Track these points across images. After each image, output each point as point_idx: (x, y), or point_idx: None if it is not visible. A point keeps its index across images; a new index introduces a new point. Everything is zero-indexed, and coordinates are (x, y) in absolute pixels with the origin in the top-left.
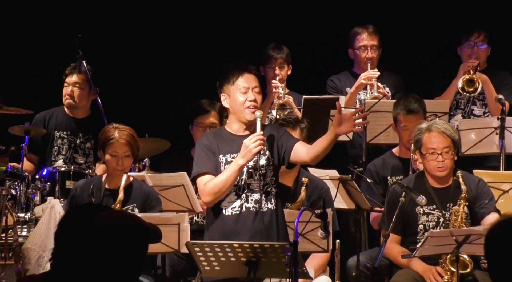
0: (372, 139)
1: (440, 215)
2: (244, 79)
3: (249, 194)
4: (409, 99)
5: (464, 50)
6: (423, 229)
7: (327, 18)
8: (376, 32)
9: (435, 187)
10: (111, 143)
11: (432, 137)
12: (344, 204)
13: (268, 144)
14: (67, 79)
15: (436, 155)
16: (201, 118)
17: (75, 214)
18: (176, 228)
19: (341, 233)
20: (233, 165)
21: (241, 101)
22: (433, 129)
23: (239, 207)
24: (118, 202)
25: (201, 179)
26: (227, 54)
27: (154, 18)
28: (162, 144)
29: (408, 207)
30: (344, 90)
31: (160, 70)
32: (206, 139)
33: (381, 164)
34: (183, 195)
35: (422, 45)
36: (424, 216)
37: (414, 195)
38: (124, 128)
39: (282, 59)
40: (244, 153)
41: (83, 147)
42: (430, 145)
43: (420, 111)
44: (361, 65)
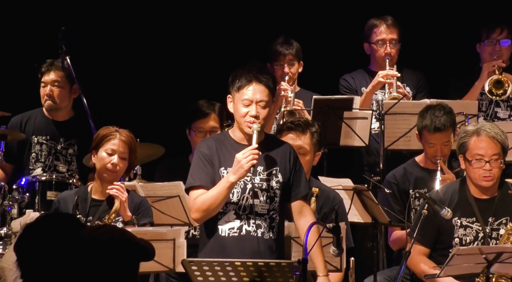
0: (391, 144)
1: (480, 229)
2: (250, 90)
3: (251, 216)
4: (436, 112)
5: (484, 47)
6: (459, 243)
7: (341, 9)
8: (395, 24)
9: (478, 197)
10: (110, 139)
11: (480, 142)
12: (359, 217)
13: (281, 167)
14: (44, 78)
15: (483, 163)
16: (200, 123)
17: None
18: (171, 244)
19: (356, 250)
20: (224, 181)
21: (242, 113)
22: (482, 133)
23: (238, 228)
24: (113, 211)
25: (192, 192)
26: (228, 50)
27: (147, 11)
28: (155, 150)
29: (443, 218)
30: (359, 90)
31: (153, 67)
32: (207, 148)
33: (402, 175)
34: (178, 207)
35: (446, 40)
36: (462, 229)
37: (438, 207)
38: (126, 130)
39: (292, 55)
40: (236, 169)
41: (65, 153)
42: (477, 151)
43: (449, 127)
44: (379, 61)
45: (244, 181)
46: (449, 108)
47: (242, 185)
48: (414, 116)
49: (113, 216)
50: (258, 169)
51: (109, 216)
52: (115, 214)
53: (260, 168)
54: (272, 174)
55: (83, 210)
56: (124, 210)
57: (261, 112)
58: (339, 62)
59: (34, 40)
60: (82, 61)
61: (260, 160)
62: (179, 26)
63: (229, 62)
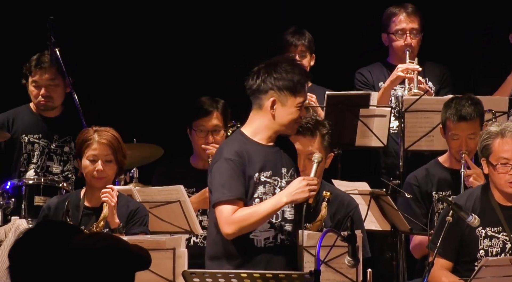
0: (412, 145)
1: (507, 239)
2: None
3: (283, 223)
4: (462, 101)
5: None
6: (484, 255)
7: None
8: (416, 12)
9: (503, 205)
10: (89, 144)
11: (505, 144)
12: (377, 224)
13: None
14: (35, 77)
15: (509, 167)
16: (202, 121)
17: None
18: (171, 254)
19: (374, 261)
20: (275, 201)
21: (295, 117)
22: (507, 134)
23: (273, 238)
24: (102, 219)
25: (226, 206)
26: (229, 46)
27: (145, 2)
28: (153, 151)
29: (467, 228)
30: (376, 85)
31: (151, 61)
32: (234, 153)
33: (424, 176)
34: (179, 214)
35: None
36: (487, 240)
37: (464, 214)
38: (106, 129)
39: (304, 46)
40: (296, 192)
41: (60, 152)
42: (502, 154)
43: (476, 117)
44: (398, 53)
45: (273, 185)
46: (477, 99)
47: (272, 190)
48: (437, 114)
49: (101, 224)
50: (283, 171)
51: (97, 224)
52: (104, 221)
53: (284, 170)
54: (292, 176)
55: (75, 218)
56: (112, 216)
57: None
58: (355, 54)
59: (19, 30)
60: (73, 53)
61: (282, 161)
62: (178, 20)
63: (231, 58)
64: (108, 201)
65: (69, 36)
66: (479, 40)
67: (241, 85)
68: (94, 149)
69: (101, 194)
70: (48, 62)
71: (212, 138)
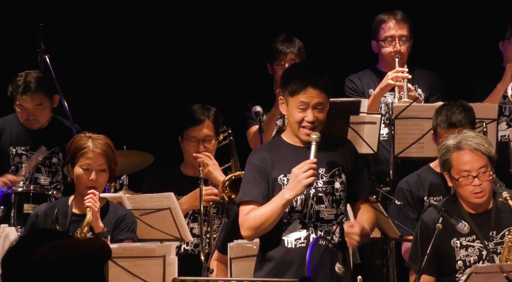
0: (402, 151)
1: (482, 247)
2: (306, 95)
3: (319, 223)
4: (453, 108)
5: (509, 46)
6: (463, 266)
7: (347, 3)
8: (405, 19)
9: (473, 213)
10: (83, 153)
11: (463, 156)
12: None
13: (344, 166)
14: (21, 102)
15: (471, 179)
16: (192, 131)
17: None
18: (161, 261)
19: (364, 268)
20: (279, 198)
21: (297, 118)
22: (463, 147)
23: (305, 238)
24: (85, 224)
25: (243, 208)
26: (223, 53)
27: (137, 7)
28: (143, 158)
29: (441, 240)
30: (366, 92)
31: (142, 66)
32: (259, 159)
33: (416, 181)
34: (169, 221)
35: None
36: (463, 250)
37: (454, 221)
38: (99, 136)
39: (293, 54)
40: (294, 185)
41: (48, 163)
42: (462, 167)
43: (466, 124)
44: (387, 60)
45: None
46: (469, 106)
47: (305, 191)
48: (427, 121)
49: (85, 229)
50: (320, 171)
51: (82, 230)
52: (88, 227)
53: (322, 170)
54: (335, 175)
55: (63, 225)
56: (96, 221)
57: (319, 116)
58: (345, 61)
59: (9, 37)
60: (63, 60)
61: (321, 161)
62: (170, 25)
63: (224, 64)
64: (91, 206)
65: (59, 43)
66: (478, 41)
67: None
68: (88, 158)
69: (84, 200)
70: (35, 86)
71: (204, 147)
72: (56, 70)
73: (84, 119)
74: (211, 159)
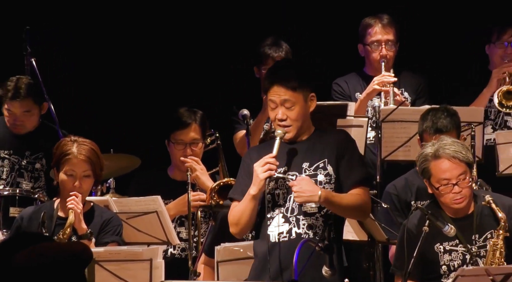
0: (389, 155)
1: (466, 251)
2: (273, 93)
3: (301, 217)
4: (438, 113)
5: (495, 50)
6: (448, 270)
7: (333, 7)
8: (392, 23)
9: (454, 217)
10: (68, 159)
11: (442, 165)
12: (354, 234)
13: (330, 158)
14: (10, 107)
15: (451, 186)
16: (179, 134)
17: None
18: (148, 265)
19: (352, 271)
20: (247, 194)
21: (271, 116)
22: (441, 155)
23: (287, 232)
24: (68, 226)
25: (232, 205)
26: (210, 56)
27: (124, 10)
28: (130, 161)
29: (425, 245)
30: (352, 96)
31: (129, 70)
32: (248, 156)
33: (403, 185)
34: (156, 224)
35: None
36: (446, 255)
37: (441, 223)
38: (85, 141)
39: (281, 58)
40: (255, 180)
41: (31, 168)
42: (441, 175)
43: (452, 129)
44: (374, 65)
45: (288, 180)
46: (453, 110)
47: (286, 185)
48: (414, 124)
49: (68, 231)
50: (303, 166)
51: (64, 231)
52: (70, 228)
53: (305, 165)
54: (319, 168)
55: (48, 228)
56: (78, 222)
57: (290, 114)
58: (331, 64)
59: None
60: (50, 63)
61: (306, 155)
62: (158, 29)
63: (211, 68)
64: (74, 208)
65: (46, 46)
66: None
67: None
68: (72, 165)
69: (66, 202)
70: (25, 92)
71: (190, 150)
72: (42, 73)
73: (71, 122)
74: (198, 164)
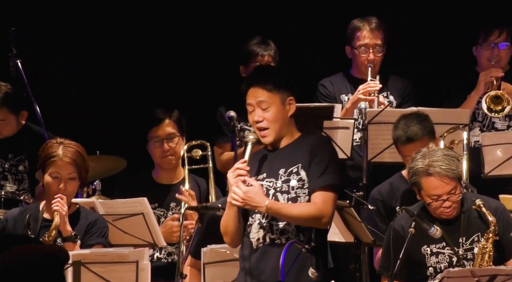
0: (375, 156)
1: (452, 253)
2: (249, 95)
3: (274, 223)
4: (408, 121)
5: (481, 51)
6: (434, 272)
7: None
8: (380, 27)
9: (442, 220)
10: (53, 162)
11: (432, 182)
12: (340, 236)
13: (304, 163)
14: None
15: (441, 202)
16: (155, 130)
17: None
18: (134, 267)
19: (338, 272)
20: (227, 205)
21: (250, 120)
22: (432, 173)
23: (262, 238)
24: (53, 228)
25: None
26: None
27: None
28: (116, 163)
29: (412, 247)
30: (338, 97)
31: (114, 70)
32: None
33: (388, 190)
34: (142, 226)
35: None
36: (433, 257)
37: (427, 225)
38: (71, 143)
39: (270, 56)
40: (229, 187)
41: (14, 171)
42: (432, 191)
43: (423, 135)
44: (361, 68)
45: (267, 187)
46: (424, 115)
47: (265, 191)
48: None
49: (53, 233)
50: (280, 172)
51: (49, 234)
52: (56, 230)
53: (281, 171)
54: (292, 173)
55: (34, 230)
56: (63, 224)
57: (267, 116)
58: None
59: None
60: (35, 65)
61: (283, 161)
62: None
63: (197, 69)
64: (59, 210)
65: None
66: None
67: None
68: (57, 167)
69: (52, 204)
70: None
71: (168, 146)
72: (28, 74)
73: (57, 124)
74: (193, 200)
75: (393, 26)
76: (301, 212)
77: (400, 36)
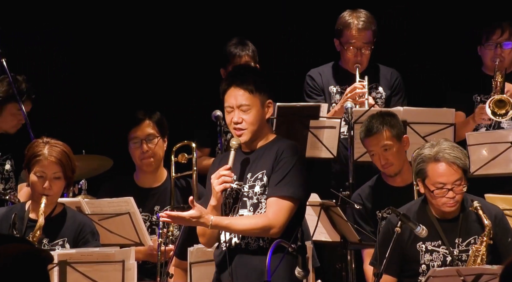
0: (361, 156)
1: (447, 253)
2: (228, 96)
3: None
4: (374, 117)
5: (485, 51)
6: (426, 269)
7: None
8: (368, 25)
9: (441, 218)
10: (38, 161)
11: (439, 168)
12: (327, 235)
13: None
14: None
15: (445, 191)
16: (134, 131)
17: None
18: (120, 266)
19: (324, 271)
20: (208, 205)
21: (227, 121)
22: (440, 159)
23: (228, 241)
24: (37, 228)
25: None
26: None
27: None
28: (102, 162)
29: (408, 243)
30: (326, 89)
31: (101, 69)
32: (213, 168)
33: (367, 194)
34: (128, 226)
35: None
36: (427, 254)
37: (413, 224)
38: (57, 143)
39: (248, 56)
40: (213, 192)
41: (1, 170)
42: (438, 178)
43: (382, 129)
44: (348, 64)
45: (236, 190)
46: (389, 112)
47: (234, 195)
48: None
49: (38, 233)
50: (247, 176)
51: (34, 234)
52: (40, 231)
53: (249, 175)
54: (257, 179)
55: (19, 230)
56: None
57: (246, 118)
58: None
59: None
60: (20, 63)
61: (251, 166)
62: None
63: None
64: (44, 210)
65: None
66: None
67: None
68: (42, 166)
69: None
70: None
71: (147, 146)
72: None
73: (43, 123)
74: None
75: (393, 26)
76: (248, 226)
77: (400, 36)
